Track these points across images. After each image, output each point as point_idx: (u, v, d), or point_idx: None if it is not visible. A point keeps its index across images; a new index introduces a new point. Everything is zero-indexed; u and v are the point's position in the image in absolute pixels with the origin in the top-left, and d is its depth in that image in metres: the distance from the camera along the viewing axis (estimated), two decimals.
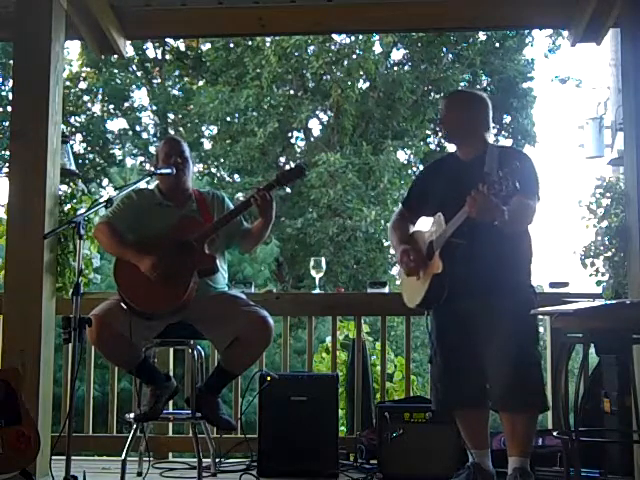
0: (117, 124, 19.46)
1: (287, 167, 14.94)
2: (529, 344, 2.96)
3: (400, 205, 3.43)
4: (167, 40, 16.83)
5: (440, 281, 2.96)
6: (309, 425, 3.49)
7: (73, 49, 16.98)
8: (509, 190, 2.67)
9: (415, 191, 3.35)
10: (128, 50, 4.54)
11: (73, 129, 17.03)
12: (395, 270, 15.19)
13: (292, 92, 15.83)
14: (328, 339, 5.89)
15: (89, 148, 17.68)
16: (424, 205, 3.25)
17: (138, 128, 17.96)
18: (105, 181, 16.18)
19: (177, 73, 18.19)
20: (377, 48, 15.72)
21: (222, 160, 16.17)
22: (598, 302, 3.28)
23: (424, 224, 3.30)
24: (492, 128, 3.20)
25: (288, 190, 14.88)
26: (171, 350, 4.01)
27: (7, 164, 3.68)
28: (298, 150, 17.10)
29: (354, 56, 15.25)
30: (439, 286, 2.97)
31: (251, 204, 3.34)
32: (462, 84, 15.85)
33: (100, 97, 17.66)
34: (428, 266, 3.03)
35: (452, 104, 3.24)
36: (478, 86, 16.20)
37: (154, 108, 17.71)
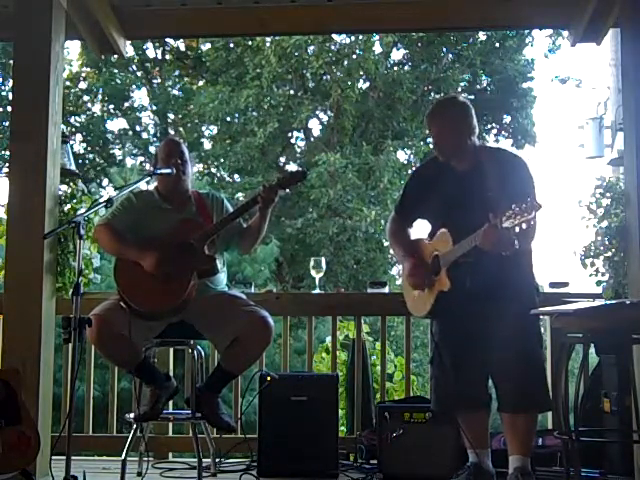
0: (117, 124, 19.48)
1: (289, 170, 14.94)
2: (532, 345, 2.97)
3: (394, 211, 3.42)
4: (167, 40, 16.82)
5: (447, 297, 2.97)
6: (309, 425, 3.49)
7: (73, 49, 17.01)
8: (523, 228, 2.62)
9: (408, 198, 3.33)
10: (128, 50, 4.54)
11: (73, 129, 17.02)
12: (395, 270, 15.22)
13: (292, 92, 15.83)
14: (328, 339, 5.90)
15: (89, 148, 17.68)
16: (419, 211, 3.27)
17: (138, 128, 17.96)
18: (105, 181, 16.19)
19: (177, 73, 18.19)
20: (377, 48, 15.72)
21: (222, 160, 16.17)
22: (598, 302, 3.28)
23: (421, 228, 3.32)
24: (477, 128, 3.16)
25: (288, 190, 14.85)
26: (171, 350, 4.01)
27: (7, 164, 3.67)
28: (298, 150, 17.10)
29: (354, 56, 15.25)
30: (445, 301, 2.99)
31: (253, 206, 3.37)
32: (462, 84, 15.86)
33: (100, 97, 17.66)
34: (435, 281, 3.03)
35: (443, 123, 3.12)
36: (478, 86, 16.22)
37: (154, 108, 17.71)
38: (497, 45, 16.12)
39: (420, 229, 3.33)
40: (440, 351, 3.13)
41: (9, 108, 5.77)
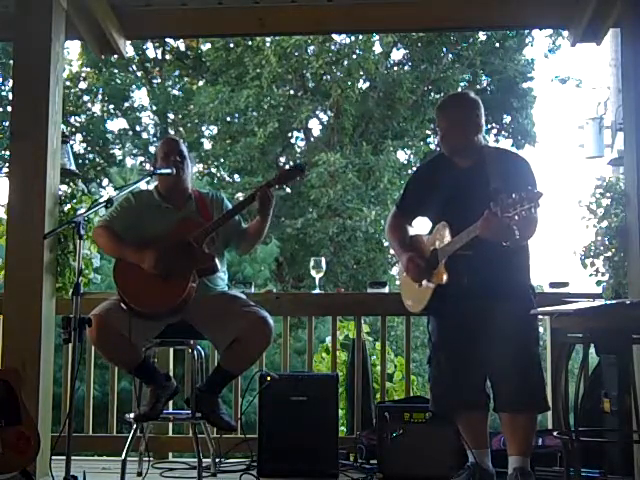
0: (117, 124, 19.49)
1: (287, 166, 14.94)
2: (530, 345, 2.97)
3: (395, 207, 3.42)
4: (167, 40, 16.84)
5: (444, 291, 2.97)
6: (309, 425, 3.49)
7: (73, 49, 17.03)
8: (523, 217, 2.63)
9: (410, 194, 3.33)
10: (128, 50, 4.54)
11: (73, 129, 17.02)
12: (395, 270, 15.21)
13: (292, 92, 15.84)
14: (328, 339, 5.89)
15: (89, 148, 17.69)
16: (419, 208, 3.27)
17: (138, 128, 17.96)
18: (105, 181, 16.21)
19: (177, 73, 18.20)
20: (377, 48, 15.74)
21: (222, 160, 16.18)
22: (598, 302, 3.28)
23: (421, 225, 3.32)
24: (483, 126, 3.17)
25: (288, 190, 14.90)
26: (171, 350, 4.01)
27: (7, 164, 3.67)
28: (298, 150, 17.11)
29: (354, 56, 15.26)
30: (442, 295, 2.99)
31: (250, 202, 3.37)
32: (462, 84, 15.86)
33: (100, 97, 17.67)
34: (432, 275, 3.03)
35: (453, 117, 3.12)
36: (478, 86, 16.22)
37: (154, 108, 17.71)
38: (497, 45, 16.13)
39: (420, 227, 3.34)
40: (437, 351, 3.13)
41: (9, 108, 5.76)
